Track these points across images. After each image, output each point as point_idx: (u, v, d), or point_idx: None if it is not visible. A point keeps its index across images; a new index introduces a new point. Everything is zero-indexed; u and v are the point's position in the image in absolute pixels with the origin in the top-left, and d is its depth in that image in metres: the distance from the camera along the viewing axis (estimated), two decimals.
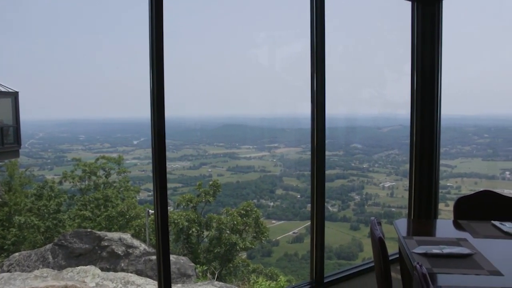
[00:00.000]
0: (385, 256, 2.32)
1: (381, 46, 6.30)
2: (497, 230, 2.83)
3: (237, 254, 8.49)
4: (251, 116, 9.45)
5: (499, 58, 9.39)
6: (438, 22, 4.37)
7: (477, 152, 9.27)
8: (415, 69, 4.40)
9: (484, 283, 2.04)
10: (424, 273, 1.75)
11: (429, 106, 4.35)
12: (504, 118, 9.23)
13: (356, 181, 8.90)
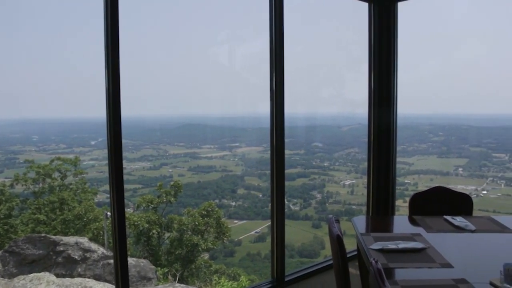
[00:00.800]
0: (343, 253, 2.34)
1: (340, 46, 6.46)
2: (449, 224, 2.93)
3: (199, 255, 8.41)
4: (212, 115, 9.40)
5: (452, 59, 9.78)
6: (393, 23, 4.48)
7: (432, 150, 9.58)
8: (372, 68, 4.49)
9: (436, 275, 2.11)
10: (379, 268, 1.78)
11: (386, 105, 4.45)
12: (457, 117, 9.58)
13: (317, 179, 8.99)
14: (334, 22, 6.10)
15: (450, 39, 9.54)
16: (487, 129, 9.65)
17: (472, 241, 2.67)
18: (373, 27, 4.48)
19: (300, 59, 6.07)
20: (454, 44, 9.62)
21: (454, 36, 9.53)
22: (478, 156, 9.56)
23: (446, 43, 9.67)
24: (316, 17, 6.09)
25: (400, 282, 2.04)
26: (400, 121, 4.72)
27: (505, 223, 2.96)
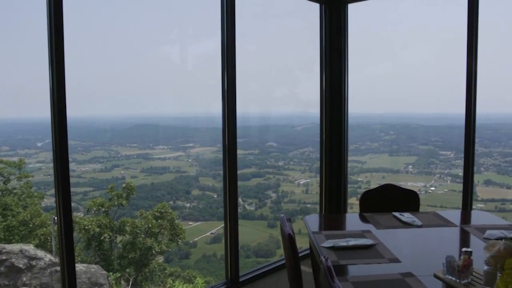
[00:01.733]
0: (295, 252, 2.35)
1: (293, 46, 6.51)
2: (397, 220, 3.00)
3: (153, 258, 8.22)
4: (165, 115, 9.20)
5: (401, 60, 10.12)
6: (344, 24, 4.56)
7: (384, 148, 9.83)
8: (323, 69, 4.55)
9: (384, 270, 2.15)
10: (328, 266, 1.80)
11: (337, 104, 4.52)
12: (406, 116, 9.88)
13: (272, 179, 9.02)
14: (287, 22, 6.16)
15: (399, 40, 9.84)
16: (434, 128, 10.01)
17: (419, 236, 2.75)
18: (324, 27, 4.55)
19: (253, 59, 6.08)
20: (403, 45, 9.92)
21: (403, 38, 9.84)
22: (426, 154, 9.89)
23: (396, 44, 9.97)
24: (269, 17, 6.13)
25: (350, 278, 2.07)
26: (352, 121, 4.81)
27: (449, 217, 3.07)
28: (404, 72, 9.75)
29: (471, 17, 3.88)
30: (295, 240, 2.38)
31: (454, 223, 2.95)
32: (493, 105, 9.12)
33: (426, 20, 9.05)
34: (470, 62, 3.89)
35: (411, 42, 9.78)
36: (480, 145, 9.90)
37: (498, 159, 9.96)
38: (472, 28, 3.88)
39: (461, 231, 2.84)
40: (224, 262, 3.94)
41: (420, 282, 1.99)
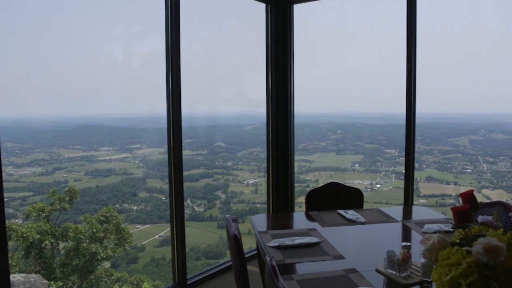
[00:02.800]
0: (240, 253, 2.33)
1: (240, 45, 6.45)
2: (342, 218, 3.06)
3: (99, 264, 7.90)
4: (109, 115, 8.86)
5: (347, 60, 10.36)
6: (290, 24, 4.60)
7: (331, 147, 10.00)
8: (270, 68, 4.56)
9: (329, 267, 2.18)
10: (273, 265, 1.80)
11: (284, 104, 4.55)
12: (352, 115, 10.11)
13: (221, 179, 8.94)
14: (234, 21, 6.11)
15: (344, 41, 10.06)
16: (379, 127, 10.29)
17: (362, 233, 2.81)
18: (270, 27, 4.56)
19: (199, 58, 6.00)
20: (348, 46, 10.15)
21: (348, 39, 10.06)
22: (372, 152, 10.15)
23: (341, 45, 10.18)
24: (215, 16, 6.06)
25: (296, 276, 2.07)
26: (300, 120, 4.85)
27: (391, 213, 3.17)
28: (350, 73, 9.97)
29: (410, 20, 4.02)
30: (240, 241, 2.36)
31: (396, 219, 3.04)
32: (432, 105, 9.51)
33: (369, 21, 9.31)
34: (409, 63, 4.04)
35: (356, 43, 10.03)
36: (421, 143, 10.31)
37: (438, 156, 10.40)
38: (411, 31, 4.03)
39: (402, 226, 2.93)
40: (172, 265, 3.86)
41: (362, 277, 2.03)
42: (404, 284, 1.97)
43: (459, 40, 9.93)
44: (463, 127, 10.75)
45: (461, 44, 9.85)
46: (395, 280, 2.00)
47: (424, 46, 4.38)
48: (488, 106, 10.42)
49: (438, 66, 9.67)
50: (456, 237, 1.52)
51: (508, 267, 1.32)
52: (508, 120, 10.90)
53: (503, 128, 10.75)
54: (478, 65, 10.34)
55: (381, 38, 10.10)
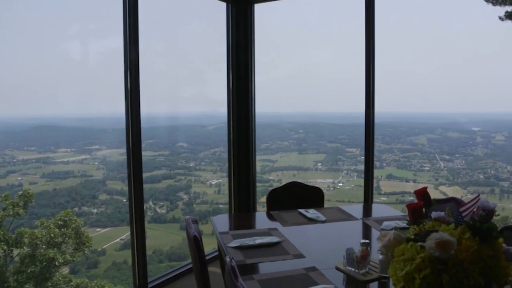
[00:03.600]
0: (201, 254, 2.30)
1: (201, 44, 6.36)
2: (302, 217, 3.08)
3: (57, 270, 7.62)
4: (66, 116, 8.55)
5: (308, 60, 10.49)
6: (251, 23, 4.59)
7: (294, 147, 10.09)
8: (231, 68, 4.54)
9: (290, 266, 2.18)
10: (232, 266, 1.79)
11: (245, 104, 4.53)
12: (314, 115, 10.23)
13: (184, 180, 8.83)
14: (195, 20, 6.05)
15: (306, 41, 10.17)
16: (341, 126, 10.44)
17: (323, 231, 2.84)
18: (231, 27, 4.54)
19: (160, 58, 5.90)
20: (309, 46, 10.27)
21: (309, 39, 10.18)
22: (334, 152, 10.29)
23: (302, 45, 10.28)
24: (176, 15, 5.98)
25: (256, 276, 2.06)
26: (262, 120, 4.86)
27: (351, 211, 3.22)
28: (311, 73, 10.09)
29: (368, 21, 4.10)
30: (200, 242, 2.33)
31: (356, 217, 3.09)
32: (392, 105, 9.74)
33: (329, 22, 9.46)
34: (368, 63, 4.11)
35: (317, 44, 10.16)
36: (382, 142, 10.55)
37: (398, 154, 10.67)
38: (369, 31, 4.10)
39: (361, 224, 2.98)
40: (132, 269, 3.77)
41: (323, 275, 2.04)
42: (363, 280, 2.00)
43: (417, 42, 10.23)
44: (421, 126, 11.10)
45: (419, 46, 10.15)
46: (354, 277, 2.03)
47: (383, 47, 4.48)
48: (444, 106, 10.78)
49: (397, 66, 9.93)
50: (411, 233, 1.55)
51: (459, 260, 1.36)
52: (462, 119, 11.32)
53: (458, 127, 11.16)
54: (435, 67, 10.68)
55: (341, 38, 10.28)
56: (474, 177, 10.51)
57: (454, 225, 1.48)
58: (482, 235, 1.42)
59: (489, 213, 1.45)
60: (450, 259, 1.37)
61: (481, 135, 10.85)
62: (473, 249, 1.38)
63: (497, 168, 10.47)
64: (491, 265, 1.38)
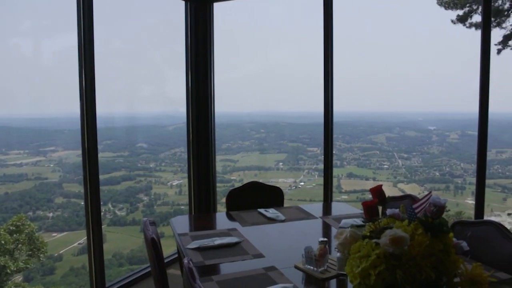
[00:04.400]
0: (159, 257, 2.26)
1: (160, 43, 6.22)
2: (262, 216, 3.08)
3: (9, 278, 7.29)
4: (18, 116, 8.20)
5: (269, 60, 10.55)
6: (210, 22, 4.55)
7: (255, 146, 10.10)
8: (190, 67, 4.49)
9: (249, 266, 2.18)
10: (190, 267, 1.77)
11: (204, 103, 4.49)
12: (275, 114, 10.29)
13: (144, 181, 8.65)
14: (153, 18, 5.93)
15: (266, 41, 10.21)
16: (302, 126, 10.54)
17: (282, 230, 2.84)
18: (190, 25, 4.49)
19: (117, 56, 5.75)
20: (269, 46, 10.32)
21: (269, 39, 10.23)
22: (295, 151, 10.37)
23: (262, 45, 10.32)
24: (134, 12, 5.84)
25: (216, 277, 2.04)
26: (223, 120, 4.83)
27: (310, 210, 3.24)
28: (271, 72, 10.15)
29: (327, 22, 4.15)
30: (158, 244, 2.29)
31: (315, 216, 3.11)
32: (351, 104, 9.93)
33: (289, 22, 9.54)
34: (326, 63, 4.17)
35: (277, 43, 10.23)
36: (342, 141, 10.74)
37: (358, 153, 10.89)
38: (327, 32, 4.16)
39: (320, 223, 3.00)
40: (89, 274, 3.67)
41: (282, 275, 2.05)
42: (322, 278, 2.01)
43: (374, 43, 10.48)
44: (380, 125, 11.38)
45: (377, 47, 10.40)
46: (313, 275, 2.04)
47: (341, 47, 4.55)
48: (402, 105, 11.09)
49: (356, 67, 10.14)
50: (366, 230, 1.57)
51: (412, 255, 1.39)
52: (418, 118, 11.69)
53: (415, 126, 11.52)
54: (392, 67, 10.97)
55: (301, 38, 10.39)
56: (430, 174, 10.87)
57: (407, 222, 1.51)
58: (434, 230, 1.45)
59: (440, 209, 1.48)
60: (403, 254, 1.39)
61: (436, 134, 11.23)
62: (425, 244, 1.41)
63: (452, 165, 10.87)
64: (441, 259, 1.42)
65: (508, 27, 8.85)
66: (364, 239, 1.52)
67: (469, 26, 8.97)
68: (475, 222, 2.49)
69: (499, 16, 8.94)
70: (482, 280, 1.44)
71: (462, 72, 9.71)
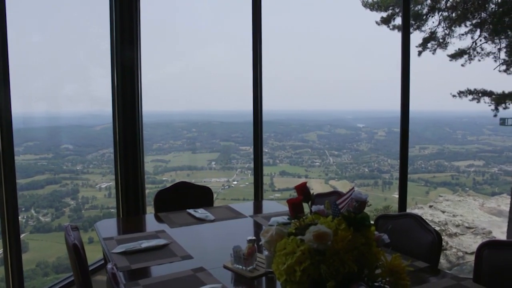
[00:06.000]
0: (81, 264, 2.14)
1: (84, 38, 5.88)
2: (191, 217, 3.03)
3: None
4: None
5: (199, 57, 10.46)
6: (136, 18, 4.40)
7: (187, 146, 9.98)
8: (115, 64, 4.31)
9: (177, 268, 2.13)
10: (113, 273, 1.70)
11: (131, 102, 4.33)
12: (207, 113, 10.23)
13: (70, 185, 8.21)
14: (77, 12, 5.61)
15: (195, 39, 10.12)
16: (234, 125, 10.55)
17: (212, 231, 2.82)
18: (114, 21, 4.31)
19: (37, 52, 5.38)
20: (199, 44, 10.24)
21: (199, 37, 10.15)
22: (228, 150, 10.37)
23: (192, 43, 10.22)
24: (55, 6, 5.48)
25: (142, 282, 1.98)
26: (153, 119, 4.70)
27: (240, 209, 3.24)
28: (202, 70, 10.08)
29: (256, 20, 4.18)
30: (80, 250, 2.17)
31: (245, 214, 3.12)
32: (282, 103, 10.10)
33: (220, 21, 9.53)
34: (255, 63, 4.19)
35: (206, 42, 10.18)
36: (275, 139, 10.89)
37: (290, 151, 11.09)
38: (256, 30, 4.18)
39: (250, 222, 3.01)
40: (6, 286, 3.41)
41: (210, 275, 2.02)
42: (250, 277, 2.01)
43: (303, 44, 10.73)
44: (311, 123, 11.69)
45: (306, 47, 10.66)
46: (242, 274, 2.04)
47: (271, 47, 4.60)
48: (332, 104, 11.46)
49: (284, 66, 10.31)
50: (292, 227, 1.59)
51: (335, 250, 1.41)
52: (348, 116, 12.13)
53: (345, 124, 11.95)
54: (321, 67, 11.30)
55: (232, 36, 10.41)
56: (360, 170, 11.34)
57: (331, 217, 1.53)
58: (356, 225, 1.49)
59: (361, 204, 1.52)
60: (327, 249, 1.42)
61: (365, 131, 11.72)
62: (348, 238, 1.44)
63: (380, 161, 11.40)
64: (363, 252, 1.46)
65: (427, 30, 9.44)
66: (289, 236, 1.53)
67: (392, 28, 9.46)
68: (396, 215, 2.61)
69: (418, 19, 9.50)
70: (401, 270, 1.49)
71: (388, 72, 10.21)
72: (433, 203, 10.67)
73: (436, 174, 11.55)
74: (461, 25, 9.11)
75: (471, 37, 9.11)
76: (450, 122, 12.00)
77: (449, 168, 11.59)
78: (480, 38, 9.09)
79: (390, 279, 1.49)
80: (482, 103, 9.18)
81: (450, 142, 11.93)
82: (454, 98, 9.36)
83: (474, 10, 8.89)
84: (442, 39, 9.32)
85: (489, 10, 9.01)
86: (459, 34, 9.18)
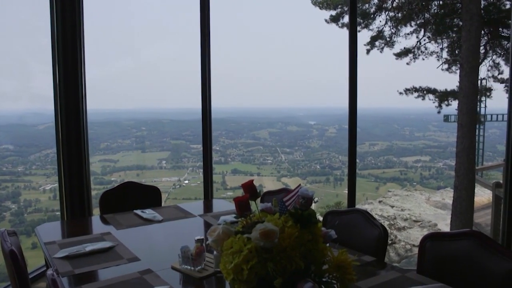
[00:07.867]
0: (19, 272, 2.03)
1: (25, 32, 5.55)
2: (138, 218, 2.96)
3: None
4: None
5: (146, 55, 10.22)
6: (79, 13, 4.22)
7: (137, 145, 9.78)
8: (57, 61, 4.13)
9: (123, 271, 2.08)
10: (53, 279, 1.62)
11: (74, 100, 4.16)
12: (157, 111, 10.09)
13: (11, 187, 7.83)
14: (15, 6, 5.31)
15: (142, 36, 9.93)
16: (184, 122, 10.47)
17: (159, 231, 2.76)
18: (56, 14, 4.12)
19: None
20: (146, 42, 10.05)
21: (146, 34, 9.96)
22: (179, 148, 10.27)
23: (141, 39, 10.02)
24: None
25: (86, 286, 1.90)
26: (100, 117, 4.56)
27: (189, 209, 3.20)
28: (150, 67, 9.91)
29: (204, 17, 4.14)
30: (18, 257, 2.05)
31: (194, 214, 3.08)
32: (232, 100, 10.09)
33: (167, 17, 9.38)
34: (203, 61, 4.15)
35: (155, 38, 10.02)
36: (226, 137, 10.88)
37: (242, 149, 11.13)
38: (204, 27, 4.14)
39: (199, 221, 2.97)
40: None
41: (158, 277, 1.98)
42: (199, 277, 1.98)
43: (253, 41, 10.76)
44: (262, 120, 11.78)
45: (255, 46, 10.70)
46: (191, 274, 2.01)
47: (221, 45, 4.57)
48: (283, 101, 11.60)
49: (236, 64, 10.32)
50: (239, 226, 1.57)
51: (282, 247, 1.41)
52: (299, 113, 12.32)
53: (297, 121, 12.13)
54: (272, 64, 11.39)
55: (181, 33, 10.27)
56: (312, 167, 11.56)
57: (278, 215, 1.53)
58: (303, 222, 1.50)
59: (308, 201, 1.53)
60: (274, 247, 1.41)
61: (316, 128, 11.95)
62: (295, 235, 1.44)
63: (331, 158, 11.67)
64: (310, 249, 1.47)
65: (375, 29, 9.73)
66: (236, 234, 1.52)
67: (341, 26, 9.68)
68: (345, 211, 2.66)
69: (366, 18, 9.78)
70: (347, 265, 1.52)
71: (338, 69, 10.46)
72: (383, 198, 11.07)
73: (385, 170, 11.98)
74: (407, 25, 9.48)
75: (416, 37, 9.50)
76: (398, 119, 12.47)
77: (397, 163, 12.05)
78: (424, 37, 9.49)
79: (337, 274, 1.51)
80: (427, 100, 9.60)
81: (398, 138, 12.39)
82: (401, 95, 9.73)
83: (419, 11, 9.27)
84: (389, 38, 9.66)
85: (432, 11, 9.42)
86: (404, 34, 9.55)
